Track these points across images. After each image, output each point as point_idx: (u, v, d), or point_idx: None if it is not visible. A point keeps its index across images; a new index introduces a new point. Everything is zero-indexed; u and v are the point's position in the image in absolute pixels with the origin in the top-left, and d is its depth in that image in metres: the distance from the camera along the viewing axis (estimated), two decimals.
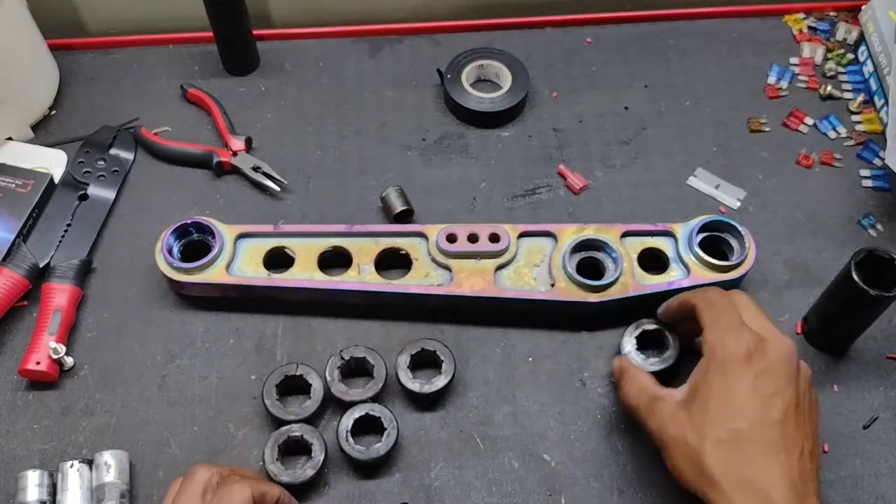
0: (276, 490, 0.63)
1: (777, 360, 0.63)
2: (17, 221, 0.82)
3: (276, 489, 0.64)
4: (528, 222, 0.83)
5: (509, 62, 0.95)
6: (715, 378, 0.63)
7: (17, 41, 0.87)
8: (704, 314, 0.67)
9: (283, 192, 0.88)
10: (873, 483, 0.72)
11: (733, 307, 0.67)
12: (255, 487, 0.61)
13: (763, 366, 0.62)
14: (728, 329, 0.64)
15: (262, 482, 0.63)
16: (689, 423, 0.62)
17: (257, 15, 1.00)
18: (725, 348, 0.63)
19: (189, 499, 0.60)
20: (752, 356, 0.63)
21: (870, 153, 0.91)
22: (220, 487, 0.60)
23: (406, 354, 0.74)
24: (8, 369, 0.77)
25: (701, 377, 0.64)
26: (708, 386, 0.63)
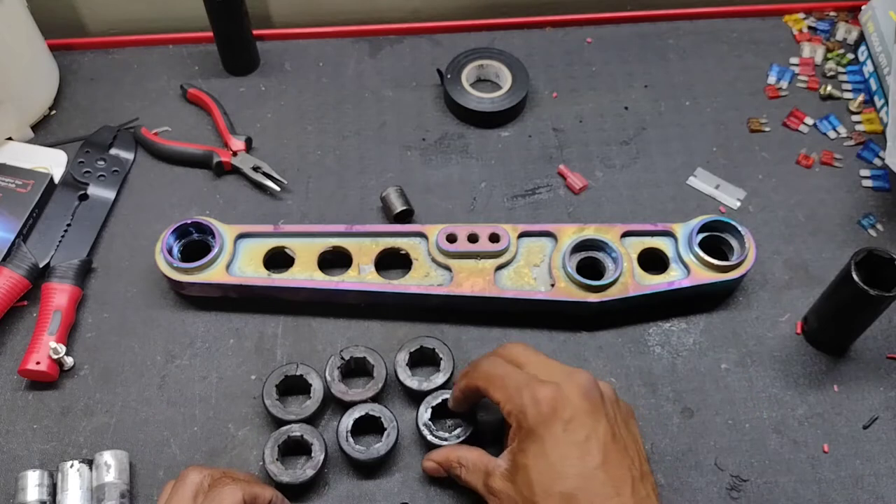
0: (269, 492, 0.63)
1: (577, 399, 0.61)
2: (17, 221, 0.82)
3: (269, 491, 0.63)
4: (528, 222, 0.83)
5: (509, 62, 0.95)
6: (527, 446, 0.60)
7: (17, 41, 0.87)
8: (491, 391, 0.64)
9: (283, 192, 0.88)
10: (873, 483, 0.72)
11: (512, 369, 0.64)
12: (247, 490, 0.60)
13: (568, 413, 0.60)
14: (520, 393, 0.62)
15: (253, 484, 0.62)
16: (519, 496, 0.60)
17: (257, 15, 1.00)
18: (527, 414, 0.61)
19: (180, 501, 0.60)
20: (555, 409, 0.60)
21: (870, 153, 0.91)
22: (211, 490, 0.60)
23: (405, 352, 0.74)
24: (8, 369, 0.77)
25: (517, 447, 0.62)
26: (524, 455, 0.60)
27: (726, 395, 0.76)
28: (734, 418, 0.75)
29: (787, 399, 0.76)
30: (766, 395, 0.76)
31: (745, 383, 0.77)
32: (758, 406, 0.76)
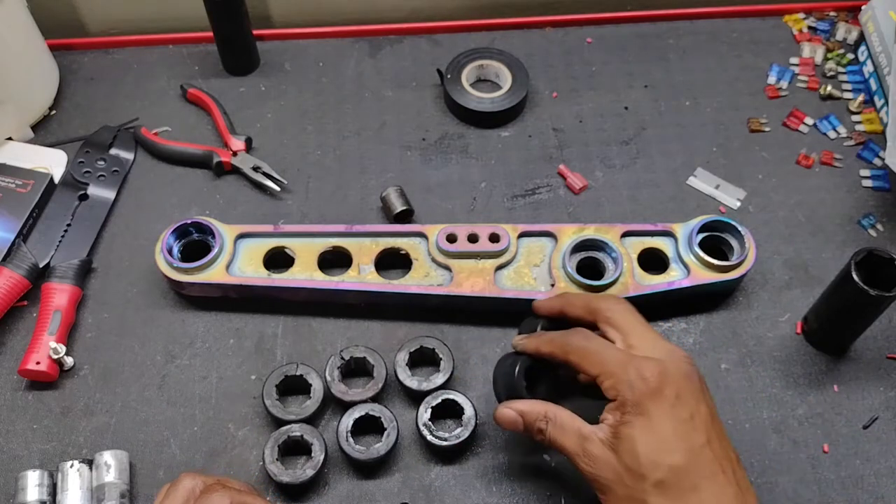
0: (260, 502, 0.63)
1: (682, 380, 0.62)
2: (17, 221, 0.82)
3: (260, 501, 0.63)
4: (528, 222, 0.83)
5: (509, 62, 0.95)
6: (633, 419, 0.60)
7: (17, 41, 0.87)
8: (585, 365, 0.64)
9: (283, 192, 0.88)
10: (873, 483, 0.72)
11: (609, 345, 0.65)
12: (235, 498, 0.60)
13: (673, 391, 0.61)
14: (625, 369, 0.62)
15: (245, 494, 0.62)
16: (623, 467, 0.60)
17: (257, 15, 1.00)
18: (634, 388, 0.61)
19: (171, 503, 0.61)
20: (662, 385, 0.61)
21: (870, 153, 0.91)
22: (201, 496, 0.60)
23: (405, 352, 0.74)
24: (8, 369, 0.77)
25: (620, 418, 0.61)
26: (630, 427, 0.60)
27: (726, 395, 0.76)
28: (734, 418, 0.75)
29: (787, 399, 0.76)
30: (766, 395, 0.76)
31: (745, 383, 0.77)
32: (758, 406, 0.76)
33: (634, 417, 0.61)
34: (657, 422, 0.60)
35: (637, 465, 0.60)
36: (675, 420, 0.60)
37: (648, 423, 0.60)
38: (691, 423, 0.60)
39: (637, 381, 0.61)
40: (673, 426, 0.60)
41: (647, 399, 0.61)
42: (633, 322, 0.66)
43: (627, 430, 0.61)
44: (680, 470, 0.59)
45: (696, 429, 0.60)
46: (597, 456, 0.62)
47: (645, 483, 0.59)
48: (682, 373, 0.62)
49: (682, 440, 0.60)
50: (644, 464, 0.59)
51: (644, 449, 0.60)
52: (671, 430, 0.60)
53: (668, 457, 0.59)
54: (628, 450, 0.60)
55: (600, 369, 0.63)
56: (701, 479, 0.59)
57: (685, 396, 0.61)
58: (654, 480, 0.59)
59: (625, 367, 0.62)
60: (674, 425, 0.60)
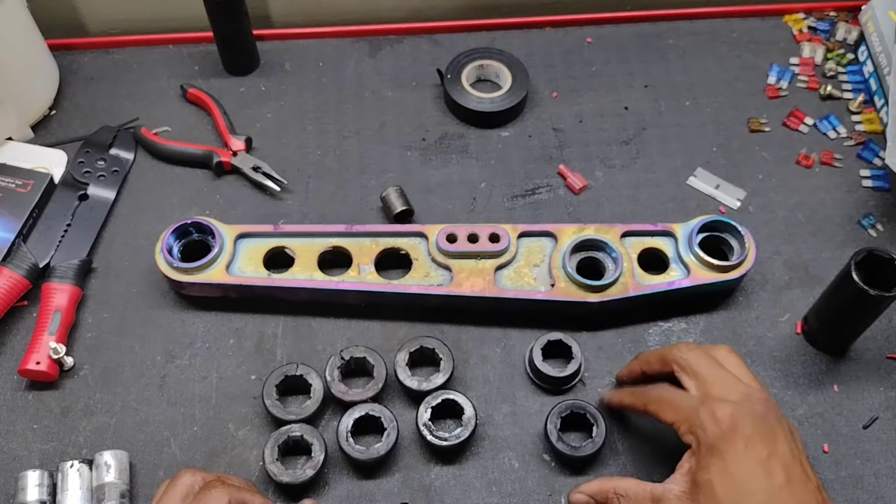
0: (258, 499, 0.63)
1: (756, 417, 0.61)
2: (17, 221, 0.82)
3: (259, 499, 0.63)
4: (528, 222, 0.83)
5: (509, 62, 0.95)
6: (709, 462, 0.60)
7: (17, 41, 0.87)
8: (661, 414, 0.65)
9: (283, 192, 0.88)
10: (873, 483, 0.72)
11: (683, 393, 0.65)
12: (234, 495, 0.60)
13: (749, 431, 0.60)
14: (697, 412, 0.62)
15: (243, 490, 0.62)
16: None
17: (257, 15, 1.00)
18: (707, 431, 0.61)
19: (170, 499, 0.61)
20: (736, 427, 0.61)
21: (870, 153, 0.91)
22: (200, 492, 0.60)
23: (405, 352, 0.74)
24: (8, 369, 0.77)
25: (695, 465, 0.61)
26: (706, 472, 0.60)
27: None
28: None
29: (787, 399, 0.76)
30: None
31: None
32: None
33: (710, 461, 0.60)
34: (733, 464, 0.60)
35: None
36: (752, 461, 0.59)
37: (724, 467, 0.60)
38: (768, 463, 0.59)
39: (710, 423, 0.61)
40: (748, 468, 0.59)
41: (721, 441, 0.60)
42: (706, 366, 0.66)
43: (704, 475, 0.60)
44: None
45: (774, 470, 0.59)
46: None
47: None
48: (757, 412, 0.62)
49: (760, 482, 0.59)
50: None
51: (722, 494, 0.59)
52: (747, 473, 0.59)
53: (746, 500, 0.58)
54: (707, 497, 0.59)
55: (675, 416, 0.64)
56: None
57: (762, 436, 0.60)
58: None
59: (697, 410, 0.62)
60: (751, 466, 0.59)
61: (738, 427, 0.61)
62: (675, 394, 0.66)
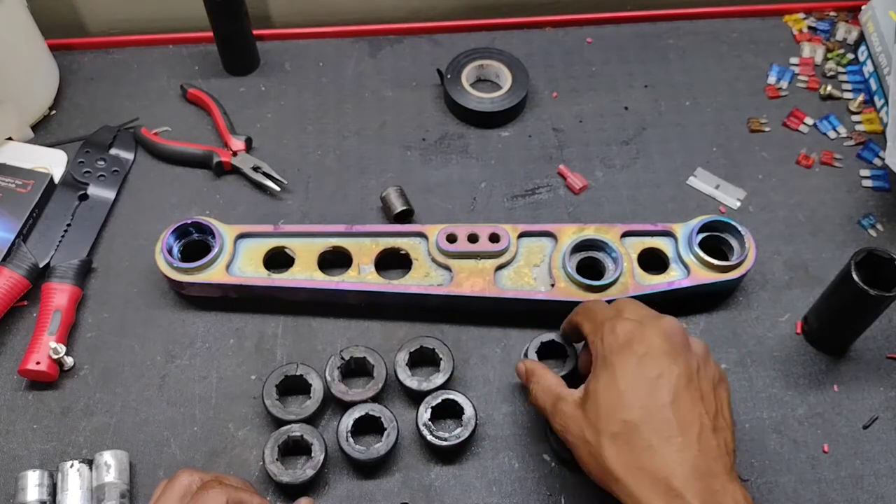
0: (256, 500, 0.63)
1: (656, 339, 0.62)
2: (17, 221, 0.82)
3: (257, 499, 0.63)
4: (528, 222, 0.83)
5: (509, 62, 0.95)
6: (601, 373, 0.62)
7: (17, 41, 0.87)
8: (584, 323, 0.67)
9: (283, 192, 0.88)
10: (873, 483, 0.72)
11: (605, 306, 0.67)
12: (232, 495, 0.60)
13: (643, 349, 0.61)
14: (603, 323, 0.64)
15: (241, 490, 0.62)
16: (586, 422, 0.61)
17: (257, 15, 1.00)
18: (604, 342, 0.63)
19: (168, 499, 0.61)
20: (631, 341, 0.62)
21: (870, 153, 0.91)
22: (198, 492, 0.60)
23: (405, 352, 0.74)
24: (8, 369, 0.77)
25: (591, 375, 0.63)
26: (596, 382, 0.62)
27: None
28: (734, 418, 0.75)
29: (787, 399, 0.76)
30: (766, 395, 0.76)
31: (745, 383, 0.77)
32: (758, 406, 0.76)
33: (601, 372, 0.62)
34: (619, 376, 0.61)
35: (596, 418, 0.61)
36: (638, 377, 0.61)
37: (612, 378, 0.61)
38: (656, 381, 0.60)
39: (609, 336, 0.63)
40: (633, 382, 0.61)
41: (613, 353, 0.62)
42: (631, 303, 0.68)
43: (593, 385, 0.62)
44: (634, 426, 0.59)
45: (660, 389, 0.60)
46: (565, 413, 0.63)
47: (601, 436, 0.60)
48: (660, 333, 0.62)
49: (641, 398, 0.60)
50: (602, 417, 0.60)
51: (604, 402, 0.61)
52: (631, 386, 0.61)
53: (623, 412, 0.60)
54: (592, 405, 0.62)
55: (590, 326, 0.66)
56: (657, 438, 0.59)
57: (656, 355, 0.61)
58: (608, 433, 0.60)
59: (604, 323, 0.64)
60: (634, 382, 0.61)
61: (633, 343, 0.62)
62: (598, 306, 0.68)
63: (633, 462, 0.59)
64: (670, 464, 0.58)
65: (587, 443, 0.61)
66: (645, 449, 0.59)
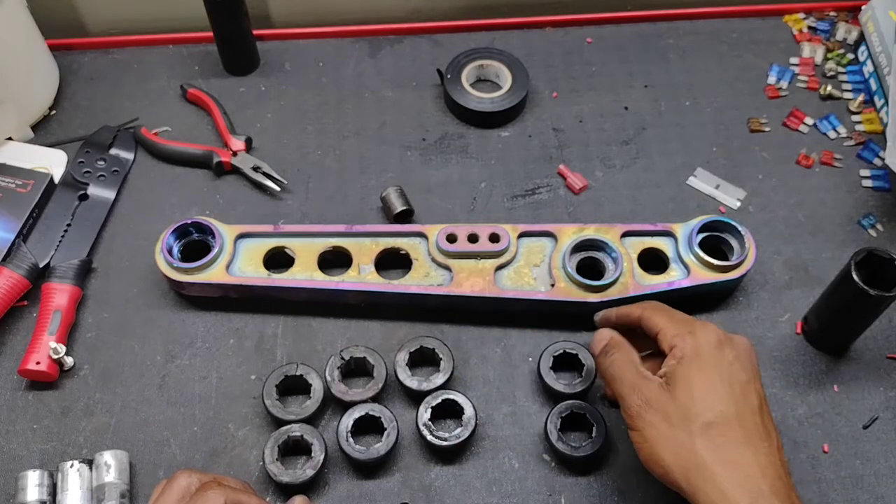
0: (255, 501, 0.62)
1: (742, 350, 0.64)
2: (17, 221, 0.82)
3: (255, 500, 0.62)
4: (528, 222, 0.83)
5: (509, 62, 0.95)
6: (692, 365, 0.62)
7: (17, 41, 0.87)
8: (657, 318, 0.66)
9: (283, 192, 0.88)
10: (873, 483, 0.72)
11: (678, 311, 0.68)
12: (230, 496, 0.60)
13: (733, 354, 0.63)
14: (690, 324, 0.65)
15: (240, 492, 0.62)
16: (674, 407, 0.61)
17: (257, 15, 1.00)
18: (696, 339, 0.63)
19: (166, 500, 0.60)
20: (723, 345, 0.63)
21: (870, 153, 0.91)
22: (196, 493, 0.60)
23: (405, 352, 0.74)
24: (8, 369, 0.77)
25: (677, 366, 0.63)
26: (687, 372, 0.62)
27: None
28: None
29: (787, 399, 0.76)
30: (766, 395, 0.76)
31: None
32: None
33: (693, 365, 0.62)
34: (714, 373, 0.62)
35: (689, 405, 0.60)
36: (732, 377, 0.62)
37: (706, 372, 0.62)
38: (747, 386, 0.62)
39: (701, 335, 0.63)
40: (729, 381, 0.61)
41: (708, 350, 0.62)
42: None
43: (685, 374, 0.62)
44: (729, 419, 0.60)
45: (751, 394, 0.62)
46: (649, 396, 0.62)
47: (693, 423, 0.60)
48: (745, 346, 0.64)
49: (736, 396, 0.61)
50: (696, 404, 0.60)
51: (699, 392, 0.61)
52: (726, 384, 0.61)
53: (720, 404, 0.60)
54: (684, 392, 0.61)
55: (667, 322, 0.65)
56: (748, 437, 0.60)
57: (744, 364, 0.63)
58: (702, 422, 0.60)
59: (690, 324, 0.65)
60: (730, 380, 0.62)
61: (724, 347, 0.63)
62: (671, 309, 0.68)
63: (725, 453, 0.59)
64: (760, 465, 0.59)
65: (670, 427, 0.60)
66: (737, 443, 0.59)
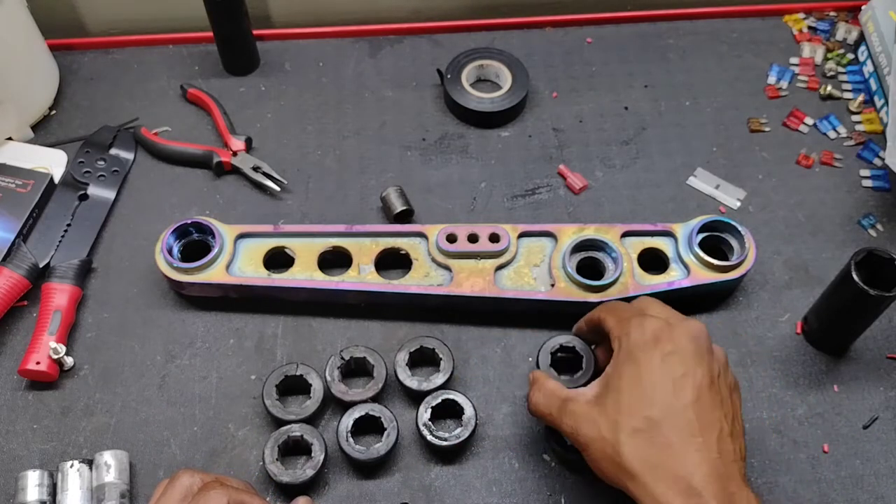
0: (257, 501, 0.62)
1: (683, 339, 0.62)
2: (17, 221, 0.82)
3: (257, 500, 0.62)
4: (528, 222, 0.83)
5: (509, 62, 0.95)
6: (624, 368, 0.62)
7: (17, 41, 0.87)
8: (608, 319, 0.67)
9: (283, 192, 0.88)
10: (873, 483, 0.72)
11: (634, 306, 0.67)
12: (233, 496, 0.60)
13: (670, 347, 0.61)
14: (630, 320, 0.64)
15: (242, 492, 0.62)
16: (604, 418, 0.61)
17: (257, 15, 1.00)
18: (630, 337, 0.63)
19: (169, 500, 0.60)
20: (659, 339, 0.62)
21: (870, 153, 0.91)
22: (199, 493, 0.60)
23: (405, 352, 0.74)
24: (8, 369, 0.77)
25: (612, 370, 0.63)
26: (619, 378, 0.62)
27: None
28: None
29: (787, 399, 0.76)
30: (766, 395, 0.76)
31: (745, 383, 0.77)
32: (758, 406, 0.76)
33: (625, 368, 0.62)
34: (644, 373, 0.61)
35: (617, 413, 0.60)
36: (663, 375, 0.61)
37: (637, 374, 0.61)
38: (680, 381, 0.60)
39: (636, 331, 0.63)
40: (658, 380, 0.61)
41: (638, 349, 0.62)
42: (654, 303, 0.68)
43: (616, 381, 0.62)
44: (655, 422, 0.59)
45: (684, 388, 0.60)
46: (576, 413, 0.63)
47: (620, 432, 0.60)
48: (687, 334, 0.62)
49: (664, 396, 0.60)
50: (623, 412, 0.60)
51: (626, 398, 0.61)
52: (655, 384, 0.60)
53: (646, 408, 0.60)
54: (613, 400, 0.61)
55: (614, 321, 0.65)
56: (678, 437, 0.59)
57: (682, 356, 0.61)
58: (628, 429, 0.59)
59: (630, 319, 0.64)
60: (661, 379, 0.61)
61: (660, 340, 0.62)
62: (624, 305, 0.68)
63: (653, 459, 0.58)
64: (690, 463, 0.58)
65: (602, 439, 0.60)
66: (666, 446, 0.59)
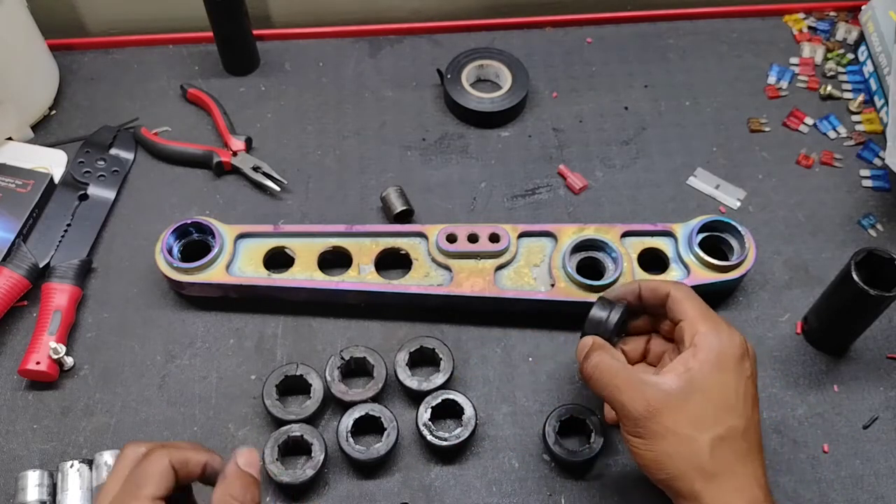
0: (203, 456, 0.60)
1: (754, 364, 0.65)
2: (17, 221, 0.82)
3: (203, 455, 0.60)
4: (528, 222, 0.83)
5: (509, 62, 0.95)
6: (712, 372, 0.62)
7: (17, 41, 0.87)
8: (687, 306, 0.66)
9: (283, 192, 0.88)
10: (873, 483, 0.72)
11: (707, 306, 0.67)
12: (174, 455, 0.58)
13: (750, 370, 0.64)
14: (720, 325, 0.64)
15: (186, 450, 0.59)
16: (687, 415, 0.61)
17: (257, 15, 1.00)
18: (722, 344, 0.63)
19: (116, 475, 0.59)
20: (745, 358, 0.63)
21: (870, 153, 0.91)
22: (143, 458, 0.59)
23: (405, 352, 0.74)
24: (8, 369, 0.77)
25: (696, 368, 0.62)
26: (705, 379, 0.62)
27: None
28: None
29: (787, 399, 0.76)
30: (766, 395, 0.76)
31: None
32: None
33: (713, 372, 0.62)
34: (732, 384, 0.62)
35: (703, 415, 0.61)
36: (747, 393, 0.62)
37: (724, 383, 0.62)
38: (755, 401, 0.63)
39: (728, 341, 0.63)
40: (743, 395, 0.62)
41: (730, 361, 0.63)
42: None
43: (702, 382, 0.62)
44: (737, 433, 0.61)
45: (756, 407, 0.63)
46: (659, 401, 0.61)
47: (705, 433, 0.60)
48: (755, 359, 0.65)
49: (748, 411, 0.62)
50: (711, 416, 0.61)
51: (716, 403, 0.61)
52: (741, 397, 0.62)
53: (733, 418, 0.61)
54: (700, 401, 0.61)
55: (698, 314, 0.65)
56: (750, 450, 0.61)
57: (754, 379, 0.64)
58: (715, 434, 0.60)
59: (721, 325, 0.64)
60: (745, 395, 0.62)
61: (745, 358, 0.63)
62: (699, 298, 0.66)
63: (731, 466, 0.60)
64: (758, 476, 0.61)
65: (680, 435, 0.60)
66: (742, 456, 0.61)
